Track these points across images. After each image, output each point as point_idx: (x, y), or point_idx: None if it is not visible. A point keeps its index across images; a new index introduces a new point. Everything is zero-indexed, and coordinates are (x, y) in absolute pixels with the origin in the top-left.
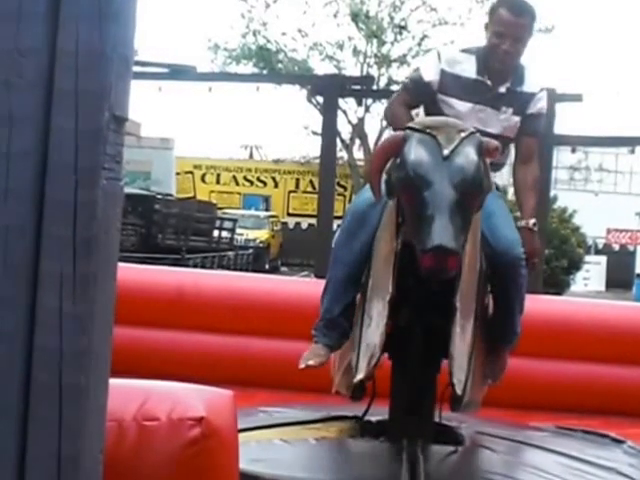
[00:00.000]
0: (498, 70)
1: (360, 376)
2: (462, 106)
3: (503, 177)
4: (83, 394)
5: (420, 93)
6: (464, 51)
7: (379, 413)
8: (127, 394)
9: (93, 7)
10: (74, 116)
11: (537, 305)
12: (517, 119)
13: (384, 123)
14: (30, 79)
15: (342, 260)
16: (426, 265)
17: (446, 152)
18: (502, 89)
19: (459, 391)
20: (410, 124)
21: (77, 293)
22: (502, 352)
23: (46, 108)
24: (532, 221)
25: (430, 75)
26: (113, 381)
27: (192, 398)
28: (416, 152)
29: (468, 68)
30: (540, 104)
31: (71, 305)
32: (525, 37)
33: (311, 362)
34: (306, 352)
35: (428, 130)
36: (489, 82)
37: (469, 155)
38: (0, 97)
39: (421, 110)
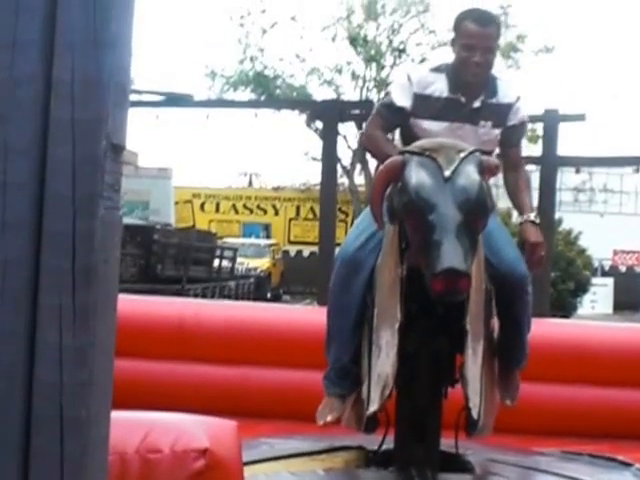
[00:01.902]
0: (471, 84)
1: (374, 408)
2: (439, 126)
3: (507, 200)
4: (84, 427)
5: (394, 118)
6: (433, 70)
7: (378, 441)
8: (129, 426)
9: (88, 35)
10: (71, 145)
11: (544, 328)
12: (497, 132)
13: None
14: (26, 109)
15: (342, 309)
16: (437, 289)
17: (447, 173)
18: (477, 103)
19: (475, 415)
20: (408, 147)
21: (77, 325)
22: (513, 373)
23: (42, 138)
24: (533, 214)
25: (402, 100)
26: (115, 414)
27: (195, 429)
28: (417, 175)
29: (440, 87)
30: (520, 114)
31: (71, 337)
32: (494, 47)
33: (329, 418)
34: (320, 406)
35: (427, 152)
36: (463, 98)
37: (470, 175)
38: None
39: (396, 134)
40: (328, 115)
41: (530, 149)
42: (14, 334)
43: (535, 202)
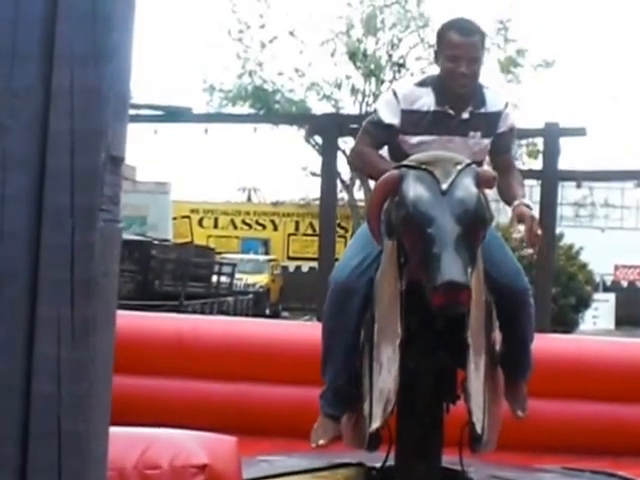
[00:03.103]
0: (458, 96)
1: (376, 425)
2: (429, 140)
3: (508, 215)
4: (83, 442)
5: (383, 135)
6: (419, 84)
7: (379, 459)
8: (128, 442)
9: (88, 45)
10: (70, 157)
11: (545, 344)
12: (487, 141)
13: None
14: (24, 120)
15: (336, 334)
16: (438, 302)
17: (444, 186)
18: (465, 115)
19: (479, 430)
20: (405, 162)
21: (76, 338)
22: (520, 385)
23: (41, 149)
24: (525, 199)
25: (390, 117)
26: (113, 429)
27: (194, 445)
28: (414, 189)
29: (427, 101)
30: (509, 121)
31: (69, 351)
32: (479, 56)
33: (321, 442)
34: (315, 425)
35: (424, 166)
36: (451, 111)
37: (468, 187)
38: None
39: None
40: (327, 130)
41: (530, 163)
42: (11, 346)
43: (536, 216)
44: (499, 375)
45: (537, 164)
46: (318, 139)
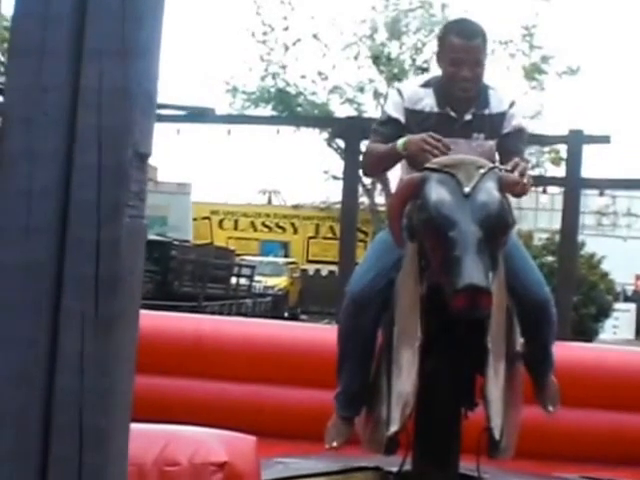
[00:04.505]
0: (461, 99)
1: (394, 428)
2: None
3: (529, 223)
4: (104, 437)
5: (390, 132)
6: (423, 85)
7: (396, 463)
8: (148, 438)
9: (117, 43)
10: (97, 153)
11: (565, 352)
12: (491, 143)
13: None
14: (52, 115)
15: (352, 340)
16: (458, 305)
17: (467, 190)
18: (468, 116)
19: (497, 436)
20: (427, 164)
21: (99, 334)
22: (546, 383)
23: (69, 145)
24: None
25: (395, 114)
26: (134, 425)
27: (214, 443)
28: (437, 192)
29: (429, 102)
30: (515, 121)
31: (93, 346)
32: (481, 59)
33: (335, 444)
34: (329, 423)
35: (446, 169)
36: (453, 113)
37: (491, 191)
38: (22, 134)
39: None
40: (350, 133)
41: (553, 171)
42: (35, 340)
43: (558, 224)
44: (519, 380)
45: (560, 171)
46: (340, 142)
